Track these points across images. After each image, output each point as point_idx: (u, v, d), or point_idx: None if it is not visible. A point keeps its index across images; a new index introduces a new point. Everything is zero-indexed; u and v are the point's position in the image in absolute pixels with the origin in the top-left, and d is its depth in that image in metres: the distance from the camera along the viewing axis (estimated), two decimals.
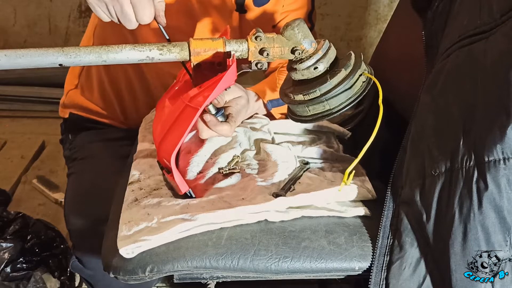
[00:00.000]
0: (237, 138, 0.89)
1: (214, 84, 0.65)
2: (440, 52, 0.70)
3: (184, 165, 0.82)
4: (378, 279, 0.66)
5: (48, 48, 0.61)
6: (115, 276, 0.66)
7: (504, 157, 0.54)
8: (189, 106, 0.66)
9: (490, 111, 0.56)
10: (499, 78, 0.55)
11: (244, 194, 0.74)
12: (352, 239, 0.69)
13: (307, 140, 0.94)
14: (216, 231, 0.68)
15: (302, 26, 0.66)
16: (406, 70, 0.94)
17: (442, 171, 0.60)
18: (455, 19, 0.70)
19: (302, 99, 0.69)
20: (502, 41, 0.57)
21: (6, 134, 2.23)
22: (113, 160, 1.04)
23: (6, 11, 2.37)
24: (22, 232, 1.32)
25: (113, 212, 0.77)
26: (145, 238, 0.64)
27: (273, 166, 0.81)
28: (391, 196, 0.70)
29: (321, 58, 0.67)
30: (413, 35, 0.85)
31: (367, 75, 0.68)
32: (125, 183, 0.80)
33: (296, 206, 0.73)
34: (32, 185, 1.88)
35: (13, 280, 1.25)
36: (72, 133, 1.17)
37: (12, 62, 0.60)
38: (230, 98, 0.85)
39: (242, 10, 1.03)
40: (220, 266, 0.65)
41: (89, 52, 0.61)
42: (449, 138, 0.61)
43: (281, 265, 0.66)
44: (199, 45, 0.64)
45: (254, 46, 0.65)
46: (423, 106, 0.69)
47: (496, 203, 0.56)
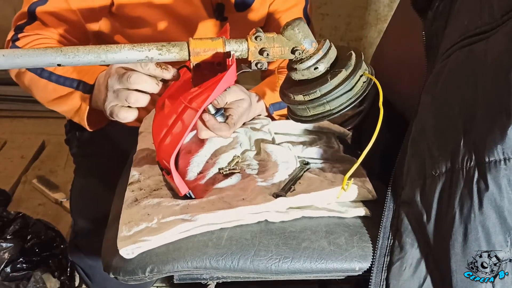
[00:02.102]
0: (238, 139, 0.89)
1: (214, 84, 0.65)
2: (441, 52, 0.70)
3: (184, 165, 0.82)
4: (379, 280, 0.66)
5: (46, 48, 0.61)
6: (115, 276, 0.66)
7: (505, 158, 0.54)
8: (189, 107, 0.66)
9: (490, 111, 0.56)
10: (499, 79, 0.55)
11: (244, 195, 0.74)
12: (352, 239, 0.69)
13: (308, 140, 0.94)
14: (216, 231, 0.68)
15: (303, 26, 0.65)
16: (406, 70, 0.94)
17: (443, 172, 0.60)
18: (456, 19, 0.70)
19: (302, 99, 0.68)
20: (503, 41, 0.57)
21: (6, 134, 2.23)
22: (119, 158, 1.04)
23: (6, 11, 2.37)
24: (22, 232, 1.32)
25: (113, 212, 0.77)
26: (145, 238, 0.64)
27: (273, 167, 0.81)
28: (391, 197, 0.70)
29: (322, 58, 0.66)
30: (413, 35, 0.85)
31: (368, 76, 0.68)
32: (125, 183, 0.80)
33: (297, 206, 0.73)
34: (32, 185, 1.88)
35: (13, 280, 1.25)
36: (80, 130, 1.17)
37: (10, 62, 0.60)
38: (232, 99, 0.84)
39: (221, 17, 1.01)
40: (220, 267, 0.65)
41: (88, 52, 0.61)
42: (449, 138, 0.61)
43: (281, 266, 0.66)
44: (199, 45, 0.64)
45: (254, 46, 0.65)
46: (423, 106, 0.69)
47: (497, 203, 0.55)
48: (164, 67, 0.68)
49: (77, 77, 0.82)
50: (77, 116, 0.85)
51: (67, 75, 0.83)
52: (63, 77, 0.83)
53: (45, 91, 0.85)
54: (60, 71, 0.83)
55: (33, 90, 0.88)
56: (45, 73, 0.84)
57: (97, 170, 1.08)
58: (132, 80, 0.67)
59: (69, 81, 0.83)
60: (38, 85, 0.85)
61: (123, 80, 0.68)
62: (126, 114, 0.71)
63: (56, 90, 0.84)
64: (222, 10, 1.01)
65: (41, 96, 0.88)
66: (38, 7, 0.90)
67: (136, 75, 0.67)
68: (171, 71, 0.68)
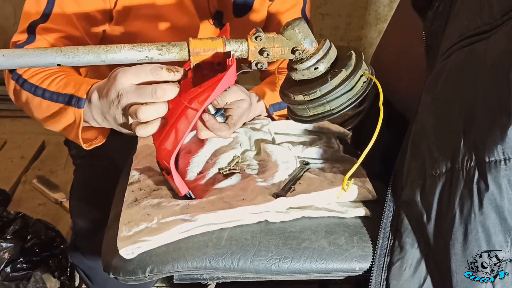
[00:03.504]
0: (238, 139, 0.89)
1: (214, 84, 0.65)
2: (441, 52, 0.70)
3: (184, 165, 0.82)
4: (379, 280, 0.66)
5: (46, 48, 0.61)
6: (115, 277, 0.66)
7: (505, 158, 0.54)
8: (189, 107, 0.66)
9: (490, 111, 0.56)
10: (499, 78, 0.55)
11: (244, 195, 0.74)
12: (352, 239, 0.69)
13: (308, 140, 0.94)
14: (216, 231, 0.68)
15: (303, 26, 0.65)
16: (406, 70, 0.94)
17: (443, 172, 0.60)
18: (456, 19, 0.70)
19: (302, 99, 0.68)
20: (503, 41, 0.57)
21: (6, 134, 2.23)
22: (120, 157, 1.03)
23: (6, 10, 2.37)
24: (22, 232, 1.32)
25: (113, 212, 0.77)
26: (145, 238, 0.64)
27: (273, 167, 0.81)
28: (391, 197, 0.70)
29: (322, 58, 0.66)
30: (413, 35, 0.85)
31: (368, 76, 0.68)
32: (125, 183, 0.80)
33: (297, 206, 0.73)
34: (32, 185, 1.88)
35: (13, 280, 1.25)
36: None
37: (10, 62, 0.60)
38: (232, 100, 0.84)
39: (221, 25, 1.00)
40: (220, 267, 0.65)
41: (88, 52, 0.61)
42: (449, 138, 0.61)
43: (282, 266, 0.66)
44: (199, 45, 0.64)
45: (254, 46, 0.65)
46: (423, 106, 0.69)
47: (497, 203, 0.55)
48: (175, 70, 0.65)
49: (70, 92, 0.77)
50: (72, 132, 0.79)
51: (60, 90, 0.78)
52: (57, 93, 0.78)
53: (39, 109, 0.81)
54: (53, 88, 0.79)
55: (30, 109, 0.84)
56: (39, 90, 0.80)
57: (96, 171, 1.08)
58: (159, 94, 0.63)
59: (62, 96, 0.77)
60: (33, 103, 0.82)
61: (145, 95, 0.64)
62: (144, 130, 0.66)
63: (50, 107, 0.79)
64: (221, 18, 1.00)
65: (38, 114, 0.83)
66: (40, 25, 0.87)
67: (161, 89, 0.63)
68: (181, 71, 0.66)
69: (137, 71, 0.65)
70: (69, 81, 0.79)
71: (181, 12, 0.96)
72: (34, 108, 0.82)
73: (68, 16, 0.88)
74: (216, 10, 0.99)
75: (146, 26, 0.95)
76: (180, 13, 0.95)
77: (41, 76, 0.81)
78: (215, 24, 1.00)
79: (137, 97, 0.64)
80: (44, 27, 0.87)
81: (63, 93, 0.77)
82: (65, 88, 0.78)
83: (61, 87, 0.78)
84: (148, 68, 0.65)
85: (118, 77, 0.65)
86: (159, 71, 0.64)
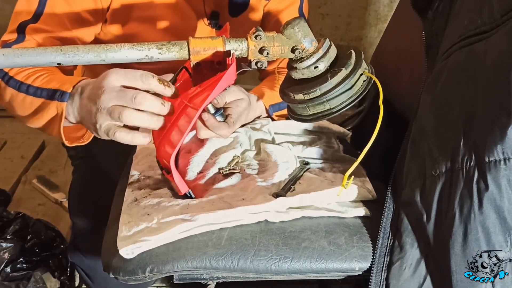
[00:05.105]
0: (238, 139, 0.89)
1: (214, 83, 0.65)
2: (441, 52, 0.70)
3: (184, 165, 0.82)
4: (379, 280, 0.66)
5: (46, 47, 0.61)
6: (115, 276, 0.65)
7: (505, 158, 0.54)
8: (189, 106, 0.66)
9: (490, 111, 0.56)
10: (499, 78, 0.55)
11: (244, 195, 0.73)
12: (352, 239, 0.69)
13: (308, 140, 0.94)
14: (216, 231, 0.68)
15: (303, 24, 0.65)
16: (406, 70, 0.94)
17: (443, 172, 0.60)
18: (456, 19, 0.70)
19: (302, 98, 0.68)
20: (503, 41, 0.57)
21: (6, 134, 2.23)
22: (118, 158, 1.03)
23: (6, 10, 2.37)
24: (22, 232, 1.32)
25: (113, 212, 0.77)
26: (145, 238, 0.64)
27: (273, 166, 0.81)
28: (391, 197, 0.70)
29: (322, 57, 0.66)
30: (413, 35, 0.85)
31: (368, 75, 0.68)
32: (125, 183, 0.80)
33: (296, 206, 0.73)
34: (32, 185, 1.88)
35: (13, 280, 1.25)
36: None
37: (10, 62, 0.60)
38: (232, 99, 0.84)
39: (217, 26, 0.99)
40: (220, 267, 0.65)
41: (88, 51, 0.61)
42: (449, 138, 0.61)
43: (281, 266, 0.66)
44: (199, 44, 0.64)
45: (254, 45, 0.65)
46: (423, 106, 0.69)
47: (497, 203, 0.55)
48: (166, 84, 0.64)
49: (55, 86, 0.75)
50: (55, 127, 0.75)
51: (44, 86, 0.76)
52: (40, 88, 0.76)
53: (22, 106, 0.78)
54: (38, 83, 0.77)
55: (13, 107, 0.81)
56: (23, 86, 0.78)
57: (95, 171, 1.08)
58: (138, 100, 0.62)
59: (46, 91, 0.75)
60: (17, 100, 0.79)
61: (125, 98, 0.62)
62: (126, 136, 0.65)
63: (33, 103, 0.76)
64: (217, 18, 0.99)
65: (20, 112, 0.80)
66: (29, 25, 0.85)
67: (141, 95, 0.62)
68: (172, 88, 0.64)
69: (128, 72, 0.64)
70: (54, 78, 0.78)
71: (176, 14, 0.95)
72: (18, 106, 0.80)
73: (59, 17, 0.87)
74: (212, 10, 0.99)
75: (140, 28, 0.94)
76: (175, 15, 0.95)
77: (26, 73, 0.80)
78: (211, 25, 0.99)
79: (116, 98, 0.63)
80: (34, 28, 0.86)
81: (47, 88, 0.75)
82: (49, 84, 0.76)
83: (45, 83, 0.77)
84: (139, 72, 0.63)
85: (108, 74, 0.64)
86: (149, 78, 0.63)
